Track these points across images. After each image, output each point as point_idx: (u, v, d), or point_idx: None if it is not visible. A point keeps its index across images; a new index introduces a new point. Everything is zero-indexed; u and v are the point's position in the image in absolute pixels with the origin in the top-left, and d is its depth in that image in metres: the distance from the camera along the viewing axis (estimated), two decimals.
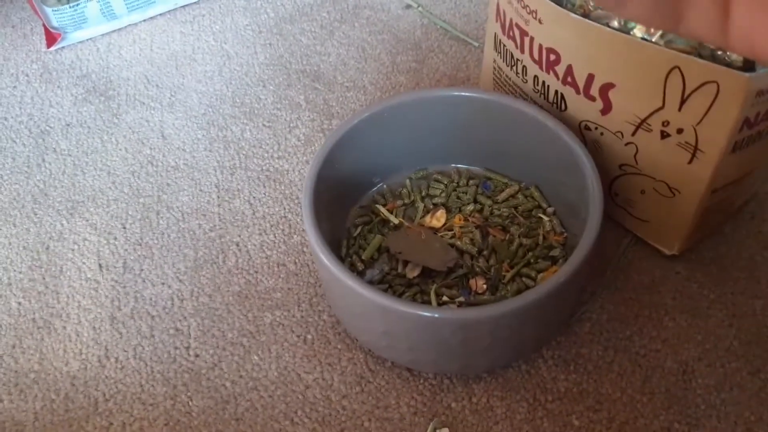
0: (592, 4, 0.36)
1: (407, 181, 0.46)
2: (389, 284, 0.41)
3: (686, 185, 0.38)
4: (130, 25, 0.60)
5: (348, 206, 0.45)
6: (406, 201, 0.45)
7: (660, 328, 0.41)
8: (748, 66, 0.32)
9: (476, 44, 0.57)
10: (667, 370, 0.40)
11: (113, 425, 0.39)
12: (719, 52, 0.33)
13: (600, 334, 0.41)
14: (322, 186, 0.39)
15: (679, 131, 0.36)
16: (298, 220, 0.47)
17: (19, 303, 0.44)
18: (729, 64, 0.32)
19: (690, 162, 0.36)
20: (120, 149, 0.52)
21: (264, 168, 0.50)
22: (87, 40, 0.59)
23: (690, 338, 0.41)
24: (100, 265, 0.46)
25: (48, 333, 0.43)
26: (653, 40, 0.34)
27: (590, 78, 0.38)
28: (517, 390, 0.39)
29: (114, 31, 0.60)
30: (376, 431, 0.38)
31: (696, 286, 0.43)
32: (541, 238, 0.42)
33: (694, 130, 0.35)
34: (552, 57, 0.39)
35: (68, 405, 0.40)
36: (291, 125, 0.52)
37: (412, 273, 0.41)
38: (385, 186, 0.46)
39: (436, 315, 0.34)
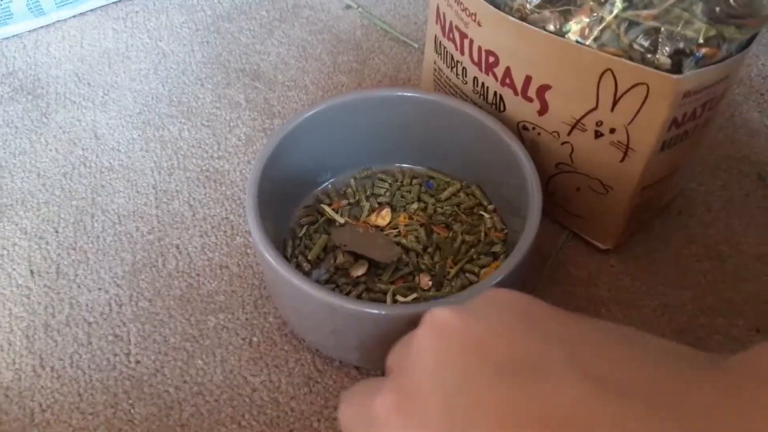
0: (529, 7, 0.37)
1: (352, 180, 0.46)
2: (336, 284, 0.41)
3: (619, 182, 0.40)
4: (58, 21, 0.58)
5: (292, 206, 0.45)
6: (351, 200, 0.45)
7: (597, 317, 0.43)
8: (676, 68, 0.34)
9: (416, 45, 0.57)
10: None
11: None
12: (648, 55, 0.34)
13: None
14: (266, 186, 0.39)
15: (612, 131, 0.37)
16: (241, 221, 0.47)
17: None
18: (658, 67, 0.34)
19: (622, 160, 0.38)
20: (50, 150, 0.50)
21: (204, 168, 0.49)
22: (13, 36, 0.57)
23: None
24: (31, 271, 0.44)
25: None
26: (587, 43, 0.36)
27: (528, 80, 0.39)
28: None
29: (41, 27, 0.57)
30: (326, 431, 0.38)
31: (629, 278, 0.45)
32: (482, 234, 0.43)
33: (626, 129, 0.37)
34: (491, 59, 0.40)
35: (2, 417, 0.38)
36: (231, 125, 0.52)
37: (357, 271, 0.41)
38: (329, 185, 0.46)
39: (384, 312, 0.34)
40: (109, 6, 0.59)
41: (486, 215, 0.44)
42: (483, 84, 0.42)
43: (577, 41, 0.36)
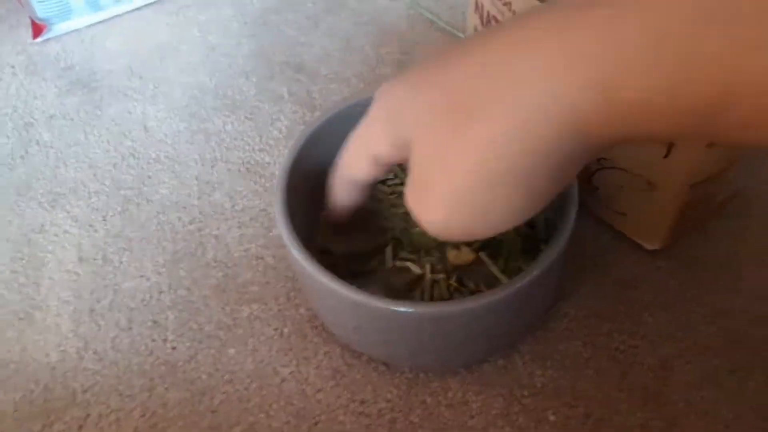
0: None
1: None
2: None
3: (663, 180, 0.38)
4: (115, 16, 0.60)
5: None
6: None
7: (639, 324, 0.41)
8: None
9: (462, 35, 0.56)
10: (645, 366, 0.40)
11: (90, 416, 0.39)
12: None
13: (578, 329, 0.41)
14: (298, 178, 0.39)
15: None
16: (275, 213, 0.47)
17: (1, 295, 0.44)
18: None
19: (666, 156, 0.36)
20: (102, 141, 0.52)
21: (245, 161, 0.50)
22: (72, 31, 0.59)
23: (670, 335, 0.41)
24: (80, 258, 0.46)
25: (29, 324, 0.43)
26: None
27: None
28: (493, 385, 0.39)
29: (99, 22, 0.60)
30: (351, 425, 0.38)
31: (677, 282, 0.43)
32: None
33: None
34: None
35: (47, 396, 0.40)
36: (273, 117, 0.52)
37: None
38: None
39: (407, 310, 0.33)
40: (163, 1, 0.61)
41: None
42: None
43: None
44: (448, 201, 0.26)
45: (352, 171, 0.33)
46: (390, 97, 0.29)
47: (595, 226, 0.45)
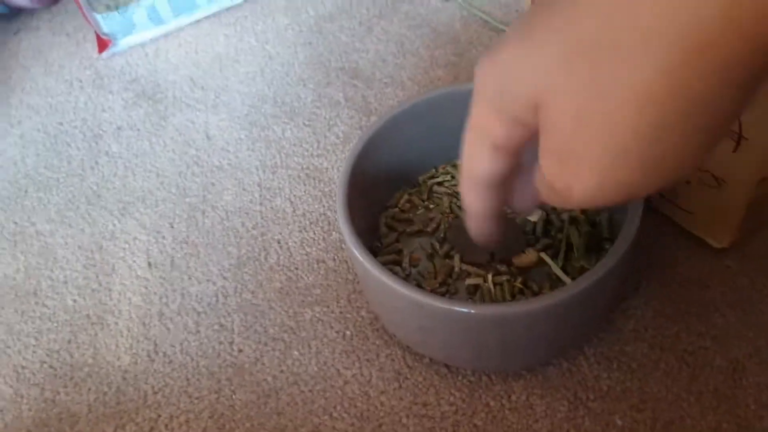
0: None
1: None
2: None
3: (732, 175, 0.37)
4: (176, 29, 0.62)
5: (387, 199, 0.45)
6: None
7: (709, 324, 0.40)
8: None
9: None
10: (715, 368, 0.39)
11: (161, 417, 0.40)
12: None
13: (645, 331, 0.40)
14: (358, 182, 0.39)
15: None
16: (337, 216, 0.48)
17: (75, 300, 0.46)
18: None
19: (735, 150, 0.35)
20: (167, 151, 0.54)
21: (304, 166, 0.51)
22: (136, 45, 0.61)
23: (741, 335, 0.39)
24: (149, 263, 0.47)
25: (101, 328, 0.45)
26: None
27: None
28: (558, 388, 0.39)
29: (161, 35, 0.62)
30: (414, 428, 0.38)
31: (747, 280, 0.41)
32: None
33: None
34: None
35: (119, 398, 0.42)
36: (330, 123, 0.53)
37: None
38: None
39: (471, 311, 0.34)
40: (221, 13, 0.63)
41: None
42: None
43: None
44: (607, 160, 0.22)
45: (474, 169, 0.29)
46: (492, 68, 0.25)
47: (660, 224, 0.44)
